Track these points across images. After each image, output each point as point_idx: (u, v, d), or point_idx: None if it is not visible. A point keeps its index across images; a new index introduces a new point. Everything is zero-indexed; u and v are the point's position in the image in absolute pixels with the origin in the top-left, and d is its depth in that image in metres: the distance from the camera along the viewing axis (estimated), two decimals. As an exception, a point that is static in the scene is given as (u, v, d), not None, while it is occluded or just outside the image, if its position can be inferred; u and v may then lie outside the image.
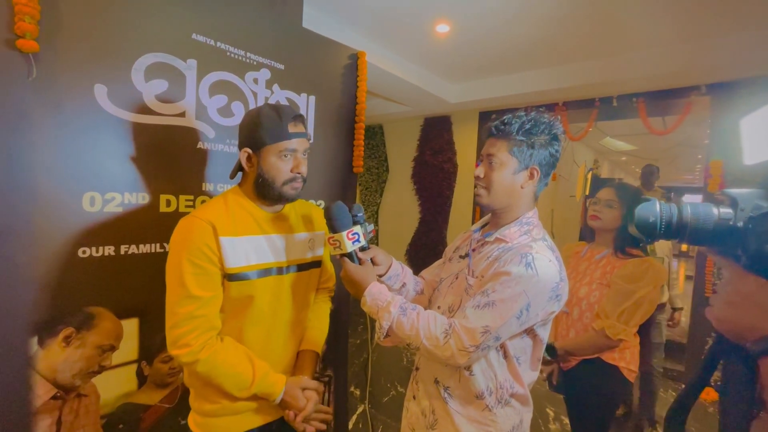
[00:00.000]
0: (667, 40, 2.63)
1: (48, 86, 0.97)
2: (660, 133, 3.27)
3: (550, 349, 1.43)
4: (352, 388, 2.76)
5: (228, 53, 1.32)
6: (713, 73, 2.76)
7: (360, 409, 2.53)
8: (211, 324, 0.90)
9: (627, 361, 1.40)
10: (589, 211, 1.50)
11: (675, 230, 0.53)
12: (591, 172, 6.19)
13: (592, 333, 1.37)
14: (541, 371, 1.50)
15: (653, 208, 0.54)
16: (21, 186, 0.95)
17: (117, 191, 1.11)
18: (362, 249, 0.97)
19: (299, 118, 0.96)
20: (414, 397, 1.05)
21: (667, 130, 3.25)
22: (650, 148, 5.66)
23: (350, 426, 2.32)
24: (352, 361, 3.19)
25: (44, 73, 0.96)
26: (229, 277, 0.91)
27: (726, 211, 0.50)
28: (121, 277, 1.13)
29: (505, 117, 0.91)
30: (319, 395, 1.00)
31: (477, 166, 0.98)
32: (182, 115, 1.22)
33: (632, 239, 1.42)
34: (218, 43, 1.29)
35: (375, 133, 5.23)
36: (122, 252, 1.13)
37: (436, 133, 4.62)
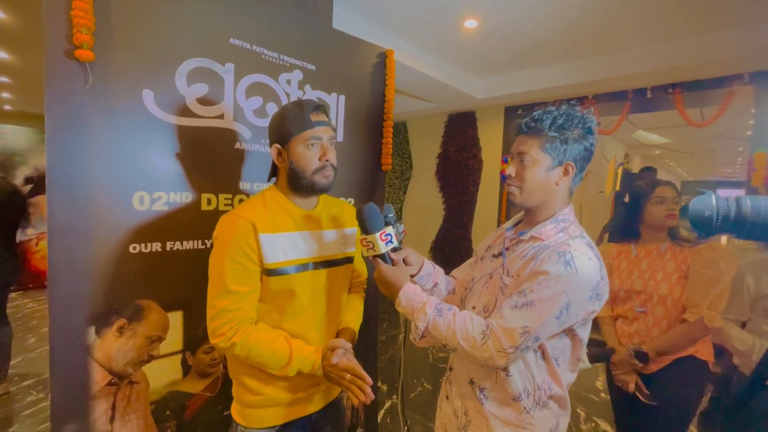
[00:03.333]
0: (708, 27, 2.51)
1: (102, 93, 1.04)
2: (698, 125, 3.12)
3: (641, 355, 1.36)
4: (379, 384, 2.80)
5: (263, 56, 1.36)
6: (758, 61, 2.61)
7: (387, 404, 2.56)
8: (246, 316, 0.93)
9: (713, 356, 1.39)
10: (661, 211, 1.43)
11: (732, 225, 0.50)
12: (621, 167, 5.96)
13: (686, 326, 1.33)
14: (623, 382, 1.41)
15: (709, 202, 0.52)
16: (79, 185, 1.02)
17: (163, 191, 1.17)
18: (394, 249, 0.97)
19: (320, 108, 0.99)
20: (447, 398, 1.05)
21: (706, 122, 3.10)
22: (686, 141, 5.40)
23: (378, 420, 2.35)
24: (379, 356, 3.22)
25: (99, 80, 1.03)
26: (268, 272, 0.95)
27: (790, 204, 0.48)
28: (167, 272, 1.20)
29: (535, 113, 0.89)
30: (348, 353, 0.96)
31: (503, 162, 0.96)
32: (221, 117, 1.28)
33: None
34: (254, 47, 1.33)
35: (398, 131, 5.24)
36: (168, 248, 1.19)
37: (460, 129, 4.58)
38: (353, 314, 1.16)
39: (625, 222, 1.56)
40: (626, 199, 1.52)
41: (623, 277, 1.49)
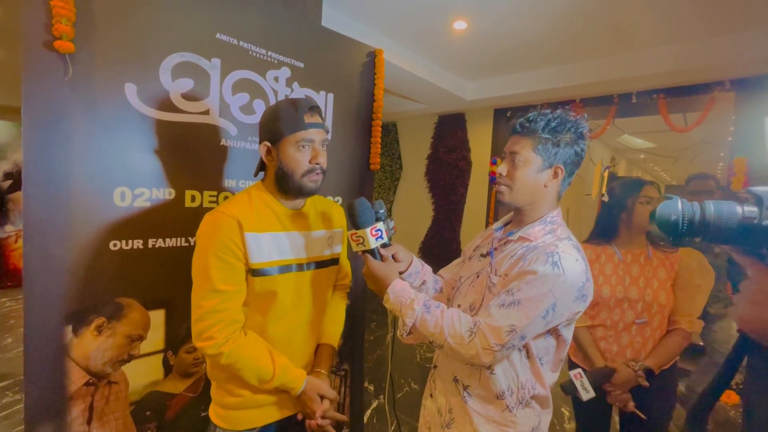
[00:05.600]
0: (690, 35, 2.57)
1: (83, 85, 1.01)
2: (681, 130, 3.19)
3: (650, 372, 1.27)
4: (366, 383, 2.79)
5: (250, 52, 1.35)
6: (738, 69, 2.68)
7: (374, 404, 2.56)
8: (234, 318, 0.91)
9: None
10: (647, 211, 1.36)
11: (697, 229, 0.52)
12: (608, 171, 6.07)
13: (682, 335, 1.30)
14: (622, 401, 1.30)
15: (675, 207, 0.54)
16: (58, 180, 1.00)
17: (146, 186, 1.15)
18: (384, 246, 0.97)
19: (315, 109, 0.97)
20: (431, 395, 1.05)
21: (688, 127, 3.17)
22: (670, 146, 5.53)
23: (365, 420, 2.35)
24: (366, 357, 3.23)
25: (79, 73, 1.00)
26: (253, 272, 0.94)
27: (751, 209, 0.50)
28: (149, 270, 1.18)
29: (530, 114, 0.90)
30: (333, 404, 1.02)
31: (492, 163, 0.97)
32: (206, 112, 1.26)
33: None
34: (241, 43, 1.32)
35: (389, 131, 5.24)
36: (150, 245, 1.17)
37: (450, 131, 4.61)
38: (335, 326, 1.15)
39: (605, 222, 1.46)
40: (605, 198, 1.47)
41: (613, 284, 1.37)
